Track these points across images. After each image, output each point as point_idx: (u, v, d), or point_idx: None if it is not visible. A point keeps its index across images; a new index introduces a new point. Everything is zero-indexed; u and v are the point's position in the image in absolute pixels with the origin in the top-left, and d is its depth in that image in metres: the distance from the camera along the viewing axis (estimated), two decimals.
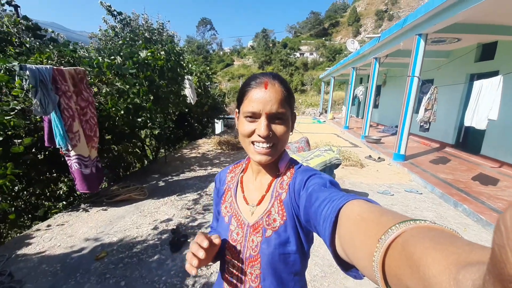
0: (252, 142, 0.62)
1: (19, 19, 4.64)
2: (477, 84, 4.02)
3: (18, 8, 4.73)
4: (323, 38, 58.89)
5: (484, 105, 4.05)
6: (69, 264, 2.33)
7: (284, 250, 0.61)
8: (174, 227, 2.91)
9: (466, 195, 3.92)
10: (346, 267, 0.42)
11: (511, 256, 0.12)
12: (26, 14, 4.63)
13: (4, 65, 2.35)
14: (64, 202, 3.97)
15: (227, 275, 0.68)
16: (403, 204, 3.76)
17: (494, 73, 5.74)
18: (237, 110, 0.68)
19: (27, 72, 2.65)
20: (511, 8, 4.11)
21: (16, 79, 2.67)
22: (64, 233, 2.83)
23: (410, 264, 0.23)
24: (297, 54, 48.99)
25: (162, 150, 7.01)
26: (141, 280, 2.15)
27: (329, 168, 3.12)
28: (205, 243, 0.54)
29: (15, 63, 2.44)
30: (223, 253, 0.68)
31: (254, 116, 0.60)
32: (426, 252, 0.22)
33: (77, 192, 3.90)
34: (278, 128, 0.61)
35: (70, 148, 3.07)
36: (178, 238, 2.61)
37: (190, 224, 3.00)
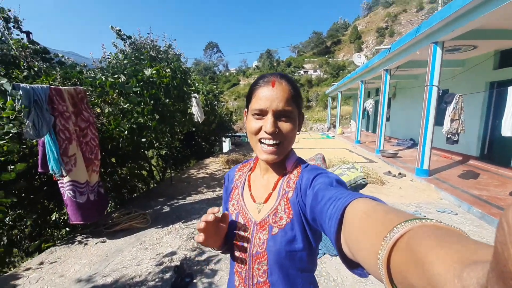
0: (260, 141, 0.63)
1: (27, 43, 4.64)
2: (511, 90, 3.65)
3: (30, 35, 4.75)
4: (326, 56, 60.07)
5: None
6: None
7: (291, 247, 0.61)
8: (178, 263, 2.51)
9: None
10: (352, 265, 0.41)
11: None
12: (33, 39, 4.63)
13: None
14: (61, 232, 3.65)
15: (237, 269, 0.68)
16: None
17: None
18: (246, 109, 0.69)
19: (20, 92, 2.45)
20: None
21: (8, 99, 2.48)
22: (54, 273, 2.46)
23: (415, 262, 0.23)
24: (301, 72, 49.78)
25: (169, 171, 6.73)
26: None
27: (354, 189, 2.73)
28: (216, 210, 0.59)
29: (3, 81, 2.24)
30: (232, 248, 0.69)
31: (261, 113, 0.62)
32: (431, 250, 0.22)
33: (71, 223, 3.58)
34: (285, 126, 0.62)
35: (64, 174, 2.80)
36: (182, 278, 2.21)
37: (196, 258, 2.60)
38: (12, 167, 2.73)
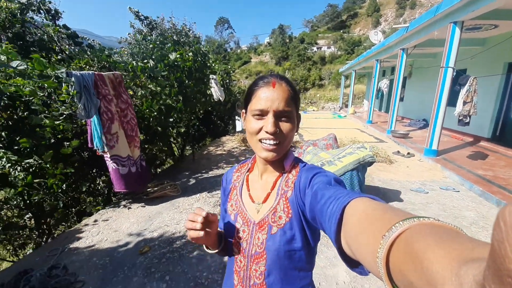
0: (260, 140, 0.63)
1: (58, 27, 4.97)
2: None
3: (58, 19, 5.06)
4: (341, 31, 57.04)
5: None
6: (116, 258, 2.50)
7: (290, 247, 0.62)
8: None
9: (510, 193, 3.68)
10: (352, 263, 0.42)
11: (509, 251, 0.12)
12: (65, 23, 4.95)
13: (54, 72, 2.54)
14: (100, 198, 4.25)
15: (236, 269, 0.70)
16: (439, 202, 3.60)
17: None
18: (244, 110, 0.70)
19: (73, 79, 2.85)
20: None
21: (63, 85, 2.88)
22: (109, 228, 3.03)
23: (414, 260, 0.24)
24: (314, 49, 47.90)
25: (188, 148, 7.23)
26: (183, 275, 2.25)
27: (362, 166, 3.06)
28: (204, 213, 0.60)
29: (63, 69, 2.62)
30: (231, 249, 0.70)
31: (262, 114, 0.63)
32: (429, 249, 0.23)
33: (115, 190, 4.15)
34: (285, 126, 0.63)
35: (106, 150, 3.26)
36: None
37: None
38: (67, 143, 3.22)
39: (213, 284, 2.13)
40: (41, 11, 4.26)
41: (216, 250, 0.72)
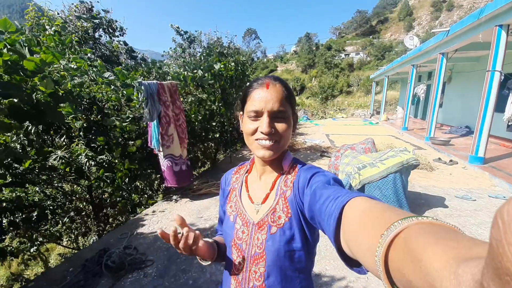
0: (256, 140, 0.64)
1: (117, 44, 5.70)
2: None
3: (123, 35, 5.83)
4: (371, 37, 55.56)
5: None
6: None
7: (290, 247, 0.62)
8: None
9: None
10: (351, 262, 0.42)
11: (508, 250, 0.12)
12: (125, 40, 5.68)
13: (132, 82, 3.01)
14: (148, 194, 4.73)
15: (234, 272, 0.69)
16: (489, 210, 3.45)
17: None
18: (241, 112, 0.72)
19: (142, 87, 3.33)
20: None
21: (135, 93, 3.38)
22: (166, 218, 3.41)
23: (412, 259, 0.24)
24: (342, 55, 47.20)
25: (220, 152, 7.63)
26: None
27: (406, 169, 3.09)
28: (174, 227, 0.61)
29: (140, 79, 3.09)
30: (230, 251, 0.70)
31: (257, 115, 0.63)
32: (428, 247, 0.23)
33: (164, 186, 4.60)
34: (280, 126, 0.64)
35: (161, 149, 3.69)
36: None
37: None
38: (132, 142, 3.72)
39: None
40: (110, 29, 4.95)
41: (209, 262, 0.73)
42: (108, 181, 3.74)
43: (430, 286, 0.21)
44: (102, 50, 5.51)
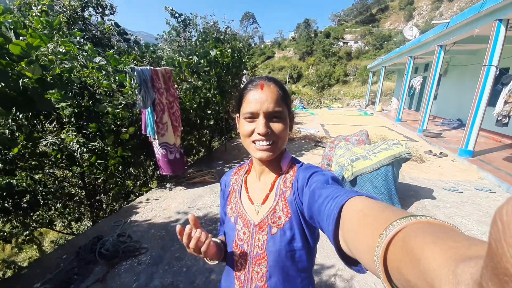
0: (253, 142, 0.64)
1: (109, 26, 5.47)
2: None
3: (111, 13, 5.56)
4: (370, 25, 54.58)
5: None
6: (171, 231, 2.86)
7: (290, 247, 0.63)
8: None
9: None
10: (350, 261, 0.43)
11: (507, 250, 0.12)
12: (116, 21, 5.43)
13: (125, 68, 2.92)
14: (141, 182, 4.73)
15: (236, 274, 0.70)
16: (474, 202, 3.59)
17: None
18: (237, 114, 0.71)
19: (135, 73, 3.23)
20: None
21: (127, 79, 3.28)
22: (160, 206, 3.43)
23: (411, 258, 0.24)
24: (341, 44, 46.45)
25: (215, 139, 7.60)
26: None
27: (398, 162, 3.15)
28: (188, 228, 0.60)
29: (132, 65, 3.00)
30: (232, 252, 0.71)
31: (253, 116, 0.64)
32: (426, 247, 0.23)
33: (158, 174, 4.59)
34: (276, 126, 0.64)
35: (156, 137, 3.64)
36: None
37: None
38: (125, 129, 3.65)
39: None
40: (99, 7, 4.72)
41: (216, 262, 0.73)
42: (101, 168, 3.71)
43: (428, 285, 0.21)
44: (93, 31, 5.28)
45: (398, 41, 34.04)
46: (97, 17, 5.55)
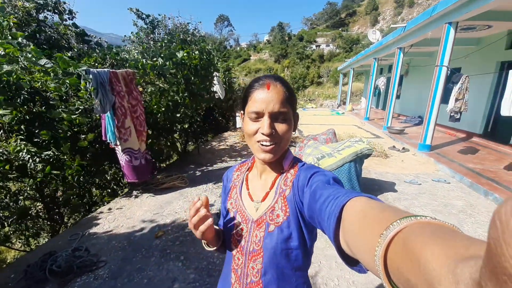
0: (257, 141, 0.64)
1: (67, 26, 5.13)
2: None
3: (74, 18, 5.21)
4: (340, 29, 57.20)
5: None
6: (134, 241, 2.72)
7: (287, 245, 0.63)
8: (218, 211, 3.24)
9: (497, 184, 3.94)
10: (350, 261, 0.43)
11: (505, 249, 0.13)
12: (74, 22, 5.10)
13: (76, 70, 2.73)
14: (109, 190, 4.47)
15: (233, 267, 0.71)
16: (431, 193, 3.85)
17: None
18: (242, 111, 0.71)
19: (90, 76, 3.04)
20: None
21: (82, 82, 3.08)
22: (124, 216, 3.25)
23: (411, 258, 0.24)
24: (313, 46, 48.08)
25: (190, 143, 7.44)
26: (197, 255, 2.47)
27: (360, 158, 3.29)
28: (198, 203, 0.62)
29: (84, 67, 2.82)
30: (230, 247, 0.72)
31: (258, 116, 0.64)
32: (426, 247, 0.23)
33: (125, 181, 4.36)
34: (281, 127, 0.64)
35: (118, 143, 3.46)
36: None
37: None
38: (83, 136, 3.42)
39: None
40: (56, 11, 4.42)
41: (215, 247, 0.74)
42: (60, 178, 3.44)
43: (428, 285, 0.21)
44: (49, 32, 4.91)
45: (366, 44, 36.00)
46: (53, 18, 5.17)
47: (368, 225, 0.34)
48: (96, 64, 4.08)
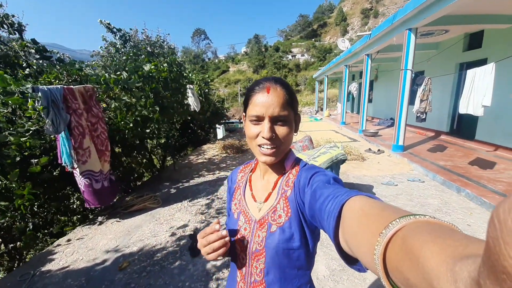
0: (259, 145, 0.65)
1: (25, 42, 4.77)
2: (470, 72, 4.19)
3: (23, 32, 4.86)
4: (313, 39, 59.70)
5: (478, 92, 4.23)
6: (93, 277, 2.40)
7: (288, 245, 0.63)
8: (192, 232, 3.00)
9: (467, 180, 4.07)
10: (350, 260, 0.43)
11: (504, 248, 0.13)
12: (33, 38, 4.75)
13: (18, 88, 2.45)
14: (79, 216, 4.05)
15: (238, 266, 0.73)
16: (408, 193, 3.89)
17: (483, 61, 5.97)
18: (244, 114, 0.72)
19: (39, 94, 2.76)
20: None
21: (29, 101, 2.78)
22: (85, 247, 2.90)
23: (410, 257, 0.24)
24: (289, 57, 49.60)
25: (169, 158, 7.10)
26: (165, 287, 2.22)
27: (336, 164, 3.25)
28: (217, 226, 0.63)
29: (29, 85, 2.54)
30: (234, 247, 0.73)
31: (258, 119, 0.64)
32: (425, 246, 0.23)
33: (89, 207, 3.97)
34: (281, 130, 0.64)
35: (75, 166, 3.14)
36: (196, 243, 2.70)
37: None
38: (35, 160, 3.07)
39: None
40: (4, 25, 4.08)
41: (221, 258, 0.72)
42: (10, 209, 3.03)
43: (427, 283, 0.21)
44: (5, 50, 4.52)
45: (338, 52, 37.71)
46: (8, 35, 4.79)
47: (368, 224, 0.34)
48: (57, 81, 3.78)
